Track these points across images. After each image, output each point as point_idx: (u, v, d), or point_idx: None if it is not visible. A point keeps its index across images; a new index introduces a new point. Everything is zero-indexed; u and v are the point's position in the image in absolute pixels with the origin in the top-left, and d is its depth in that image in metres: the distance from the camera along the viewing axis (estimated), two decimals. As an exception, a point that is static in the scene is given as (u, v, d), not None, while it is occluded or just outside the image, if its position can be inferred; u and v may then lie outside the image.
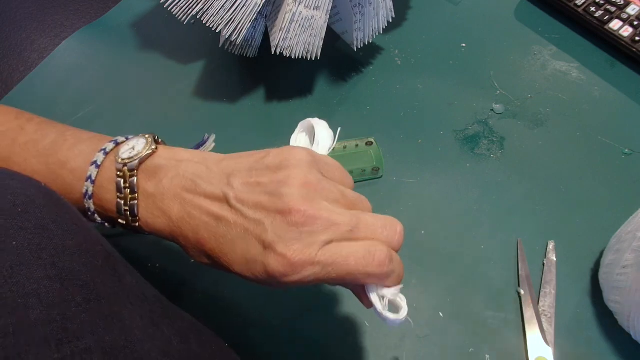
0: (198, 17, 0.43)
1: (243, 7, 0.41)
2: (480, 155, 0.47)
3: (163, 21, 0.58)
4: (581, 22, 0.54)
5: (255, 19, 0.45)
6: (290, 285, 0.25)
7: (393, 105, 0.51)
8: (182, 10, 0.43)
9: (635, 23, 0.52)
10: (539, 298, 0.39)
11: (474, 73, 0.53)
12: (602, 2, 0.53)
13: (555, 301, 0.39)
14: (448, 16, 0.58)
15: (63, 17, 0.60)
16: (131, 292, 0.25)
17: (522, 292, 0.39)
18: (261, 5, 0.42)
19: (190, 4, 0.43)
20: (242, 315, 0.40)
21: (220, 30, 0.43)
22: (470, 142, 0.48)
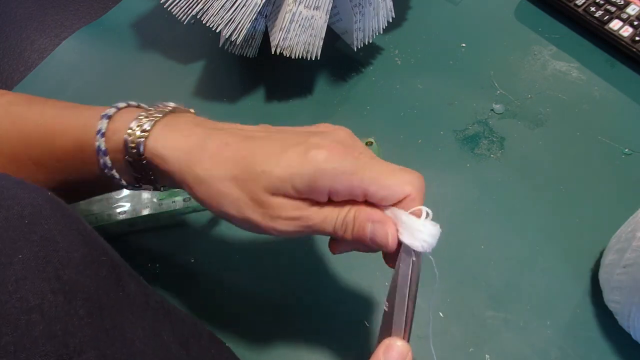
0: (198, 17, 0.43)
1: (243, 7, 0.41)
2: (480, 155, 0.47)
3: (163, 21, 0.58)
4: (581, 22, 0.54)
5: (255, 19, 0.45)
6: (326, 181, 0.26)
7: (393, 105, 0.51)
8: (182, 10, 0.44)
9: (635, 23, 0.52)
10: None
11: (474, 73, 0.53)
12: (602, 2, 0.53)
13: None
14: (448, 16, 0.58)
15: (63, 17, 0.60)
16: (134, 301, 0.25)
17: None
18: (261, 5, 0.42)
19: (190, 4, 0.43)
20: (242, 315, 0.40)
21: (220, 30, 0.43)
22: (470, 142, 0.48)
